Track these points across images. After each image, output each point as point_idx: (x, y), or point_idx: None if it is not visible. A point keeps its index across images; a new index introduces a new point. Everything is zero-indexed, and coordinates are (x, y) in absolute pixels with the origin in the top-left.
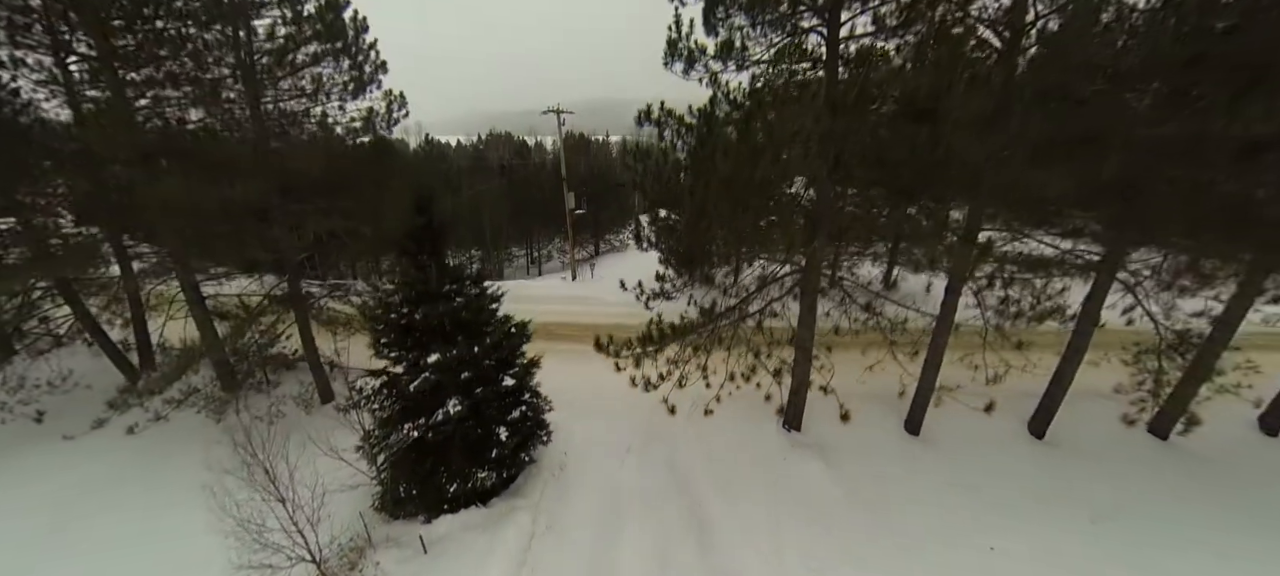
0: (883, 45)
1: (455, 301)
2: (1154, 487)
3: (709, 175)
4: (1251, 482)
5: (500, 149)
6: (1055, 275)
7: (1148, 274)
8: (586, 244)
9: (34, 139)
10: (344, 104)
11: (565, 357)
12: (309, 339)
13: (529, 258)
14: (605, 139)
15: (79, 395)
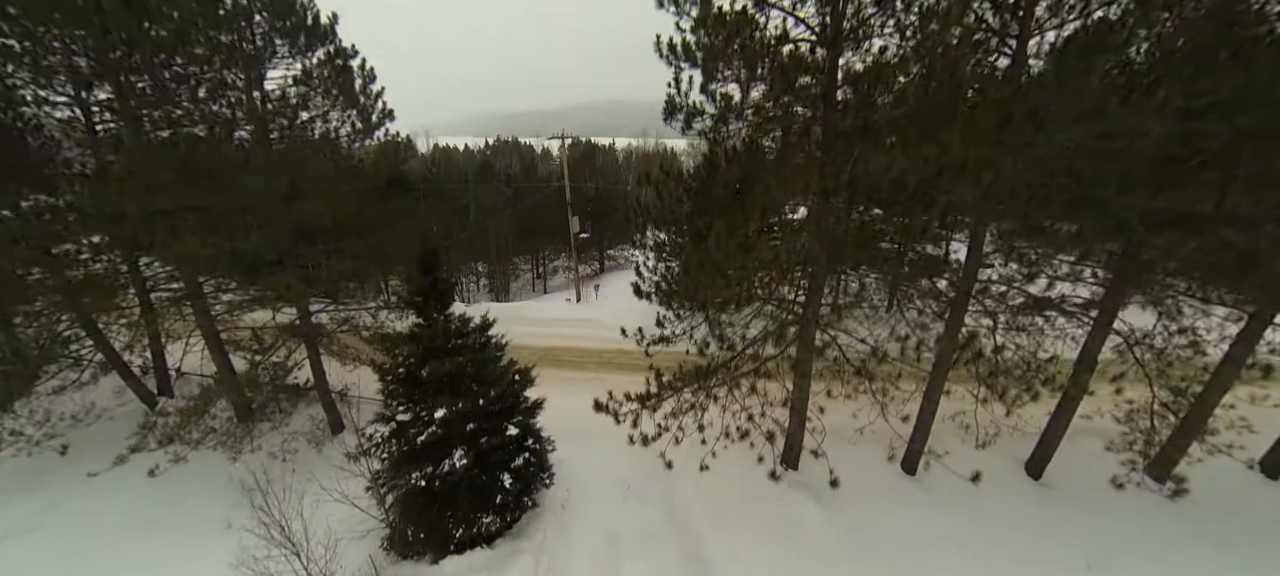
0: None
1: (460, 358)
2: (1152, 531)
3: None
4: (1252, 526)
5: (507, 156)
6: (1052, 318)
7: (1141, 336)
8: (591, 259)
9: (57, 178)
10: (351, 147)
11: (568, 386)
12: (319, 371)
13: (535, 272)
14: (612, 144)
15: (101, 428)
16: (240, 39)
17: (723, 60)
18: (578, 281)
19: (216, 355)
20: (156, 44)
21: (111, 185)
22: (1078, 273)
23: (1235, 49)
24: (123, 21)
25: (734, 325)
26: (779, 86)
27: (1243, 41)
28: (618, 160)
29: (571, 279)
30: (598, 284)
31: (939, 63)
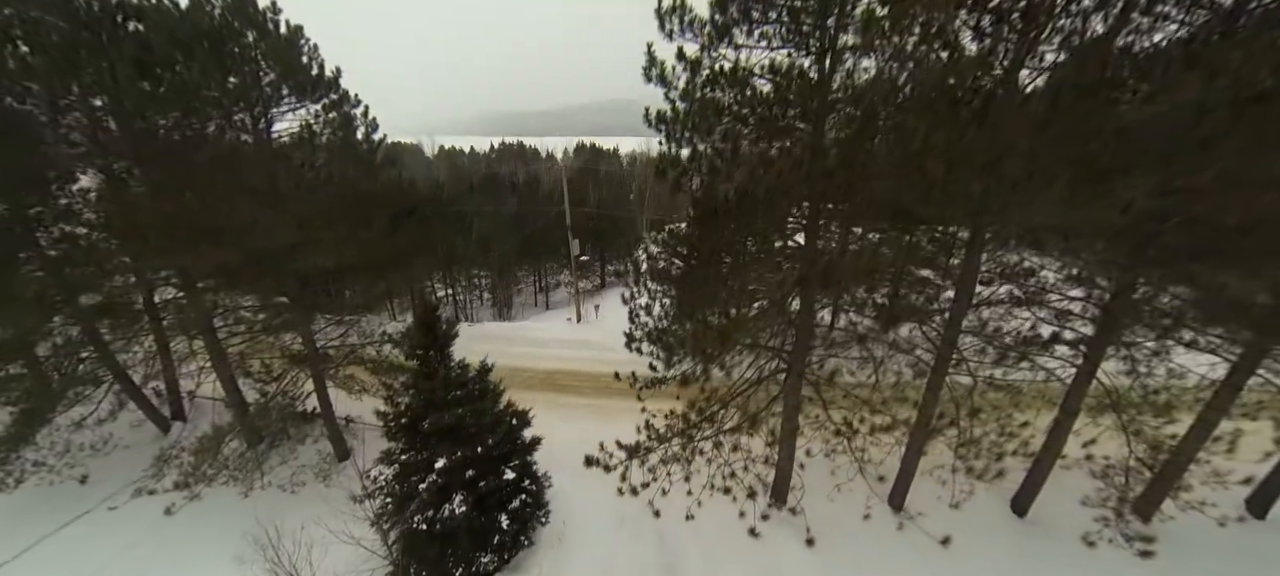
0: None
1: (460, 409)
2: (1136, 572)
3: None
4: (1238, 568)
5: (511, 162)
6: (1034, 367)
7: (1127, 382)
8: (593, 275)
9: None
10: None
11: (566, 413)
12: (325, 400)
13: (537, 285)
14: (616, 149)
15: (119, 457)
16: (249, 92)
17: (708, 128)
18: (578, 302)
19: (227, 384)
20: (166, 103)
21: (129, 237)
22: (1064, 319)
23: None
24: (136, 90)
25: (725, 366)
26: (766, 138)
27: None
28: (622, 165)
29: (572, 294)
30: (598, 304)
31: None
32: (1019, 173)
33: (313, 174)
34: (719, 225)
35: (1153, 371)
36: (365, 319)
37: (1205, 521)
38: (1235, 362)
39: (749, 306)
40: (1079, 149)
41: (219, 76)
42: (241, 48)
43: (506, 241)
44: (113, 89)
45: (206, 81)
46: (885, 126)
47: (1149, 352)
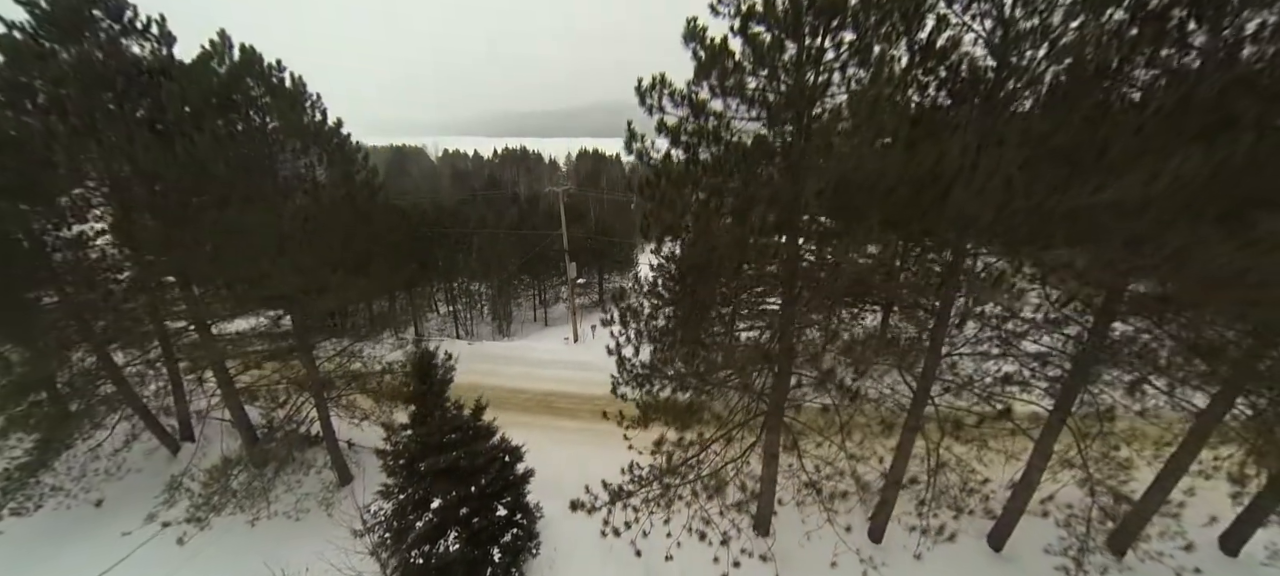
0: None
1: (455, 452)
2: None
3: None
4: None
5: (514, 168)
6: (1011, 401)
7: (1095, 433)
8: (591, 291)
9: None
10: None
11: (562, 435)
12: (327, 425)
13: (536, 299)
14: (618, 156)
15: (132, 481)
16: (256, 147)
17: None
18: (575, 322)
19: (235, 411)
20: (182, 169)
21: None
22: (1039, 361)
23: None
24: (152, 158)
25: (711, 389)
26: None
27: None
28: (624, 171)
29: (569, 310)
30: (595, 325)
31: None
32: (982, 236)
33: (313, 224)
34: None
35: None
36: (367, 344)
37: (1179, 558)
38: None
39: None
40: (1038, 227)
41: (229, 145)
42: (247, 100)
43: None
44: (129, 153)
45: (216, 153)
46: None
47: (1122, 391)
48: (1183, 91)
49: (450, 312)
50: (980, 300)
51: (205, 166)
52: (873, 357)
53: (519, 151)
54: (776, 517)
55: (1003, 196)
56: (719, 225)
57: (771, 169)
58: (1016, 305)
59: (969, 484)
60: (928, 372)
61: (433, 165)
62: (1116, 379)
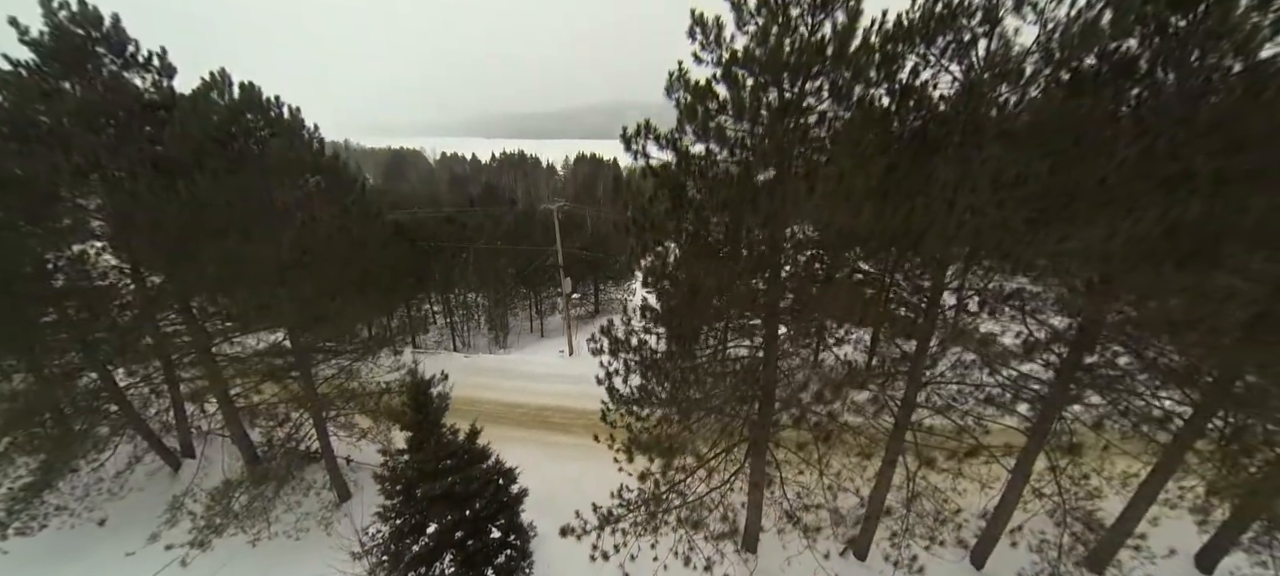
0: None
1: (450, 478)
2: None
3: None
4: None
5: (511, 172)
6: (991, 424)
7: (1066, 464)
8: (587, 301)
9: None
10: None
11: (556, 451)
12: (325, 441)
13: (533, 309)
14: (615, 161)
15: (134, 500)
16: (253, 177)
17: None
18: (570, 336)
19: (236, 433)
20: (183, 207)
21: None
22: (1021, 386)
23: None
24: (155, 196)
25: (698, 415)
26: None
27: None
28: (621, 176)
29: (565, 319)
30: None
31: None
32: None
33: (311, 255)
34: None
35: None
36: (365, 364)
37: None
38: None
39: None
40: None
41: (229, 183)
42: (246, 134)
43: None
44: (132, 190)
45: (217, 192)
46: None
47: (1095, 416)
48: (1145, 144)
49: (447, 324)
50: (953, 343)
51: (206, 204)
52: (854, 384)
53: (516, 156)
54: (763, 536)
55: (973, 243)
56: (701, 268)
57: (753, 217)
58: (987, 351)
59: (942, 513)
60: (908, 401)
61: (431, 168)
62: (1090, 406)
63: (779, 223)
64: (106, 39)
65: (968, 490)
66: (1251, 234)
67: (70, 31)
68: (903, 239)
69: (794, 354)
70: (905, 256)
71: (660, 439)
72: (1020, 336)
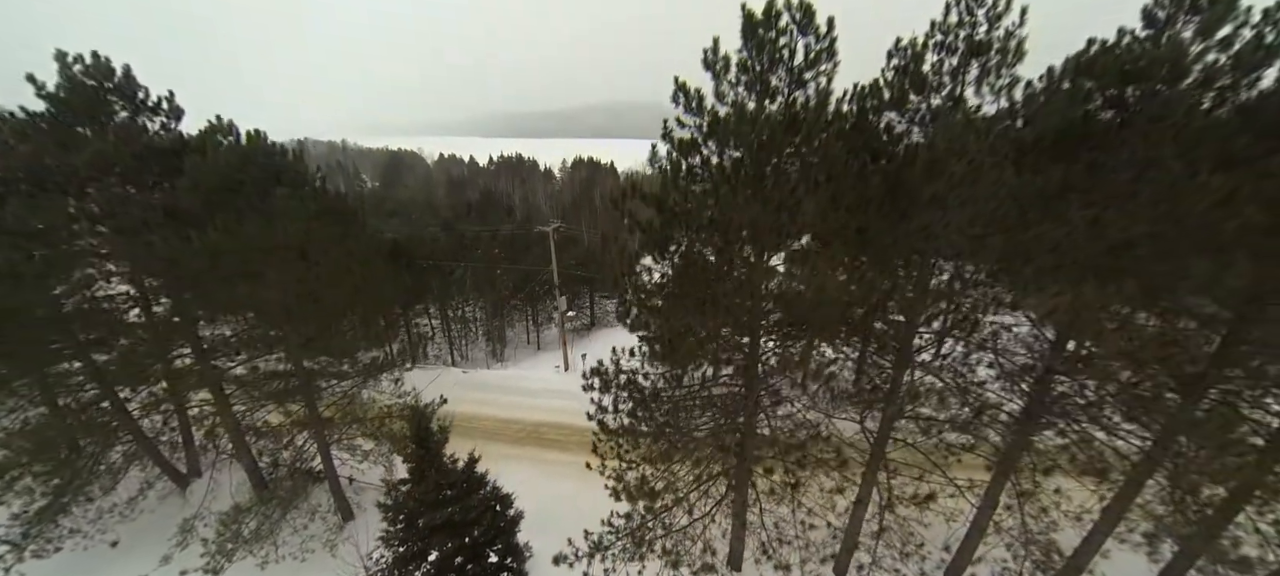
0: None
1: (450, 508)
2: None
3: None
4: None
5: (509, 176)
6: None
7: (1029, 490)
8: (582, 314)
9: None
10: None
11: (551, 469)
12: (329, 462)
13: (529, 320)
14: (612, 165)
15: (145, 521)
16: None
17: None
18: (566, 352)
19: (245, 460)
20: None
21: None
22: (993, 415)
23: None
24: (170, 246)
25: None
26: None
27: None
28: (618, 182)
29: (561, 331)
30: (585, 354)
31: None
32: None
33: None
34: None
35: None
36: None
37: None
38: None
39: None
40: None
41: (238, 232)
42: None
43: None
44: (147, 240)
45: (228, 240)
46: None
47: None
48: (1093, 214)
49: (445, 338)
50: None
51: (217, 253)
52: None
53: (514, 159)
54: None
55: (935, 309)
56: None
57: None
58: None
59: (907, 547)
60: (882, 434)
61: (428, 170)
62: (1058, 431)
63: (756, 292)
64: (118, 89)
65: (933, 523)
66: (1197, 289)
67: (83, 83)
68: (870, 308)
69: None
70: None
71: (644, 482)
72: (992, 366)
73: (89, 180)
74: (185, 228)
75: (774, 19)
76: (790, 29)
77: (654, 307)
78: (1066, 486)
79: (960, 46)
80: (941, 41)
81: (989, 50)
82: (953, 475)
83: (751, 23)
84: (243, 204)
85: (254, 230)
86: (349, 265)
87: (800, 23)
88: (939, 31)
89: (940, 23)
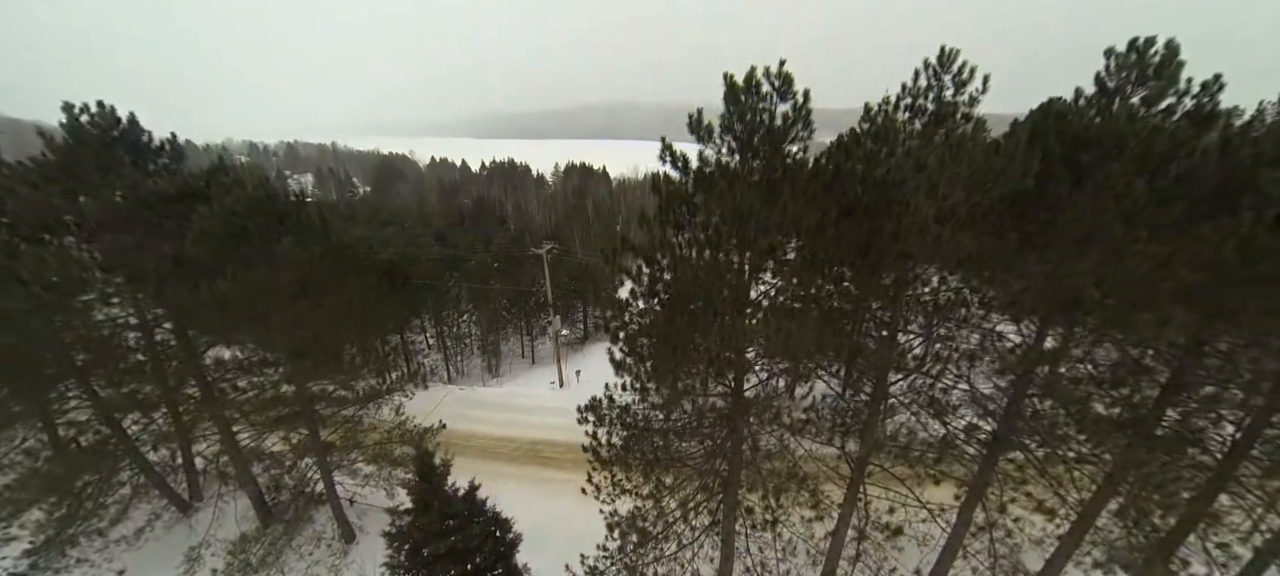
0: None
1: (453, 537)
2: None
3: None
4: None
5: (502, 183)
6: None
7: (999, 511)
8: (576, 326)
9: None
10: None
11: (548, 487)
12: (331, 485)
13: (524, 335)
14: (604, 170)
15: (150, 549)
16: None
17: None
18: (561, 369)
19: (244, 479)
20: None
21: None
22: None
23: None
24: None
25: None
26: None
27: None
28: (610, 189)
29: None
30: (579, 370)
31: None
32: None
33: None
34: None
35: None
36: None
37: None
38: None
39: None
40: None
41: (246, 280)
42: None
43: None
44: (157, 289)
45: (235, 289)
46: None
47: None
48: (1048, 270)
49: (442, 355)
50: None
51: (226, 302)
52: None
53: (507, 165)
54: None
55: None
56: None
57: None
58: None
59: (880, 572)
60: (859, 467)
61: (421, 175)
62: (1026, 456)
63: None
64: (122, 139)
65: (906, 547)
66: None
67: (88, 132)
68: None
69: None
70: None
71: (635, 517)
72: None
73: (99, 229)
74: (194, 275)
75: (754, 87)
76: (770, 95)
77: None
78: (1029, 512)
79: (930, 107)
80: (910, 104)
81: (954, 115)
82: (926, 499)
83: (733, 89)
84: (248, 250)
85: (260, 277)
86: (350, 304)
87: (779, 90)
88: (908, 94)
89: (910, 87)
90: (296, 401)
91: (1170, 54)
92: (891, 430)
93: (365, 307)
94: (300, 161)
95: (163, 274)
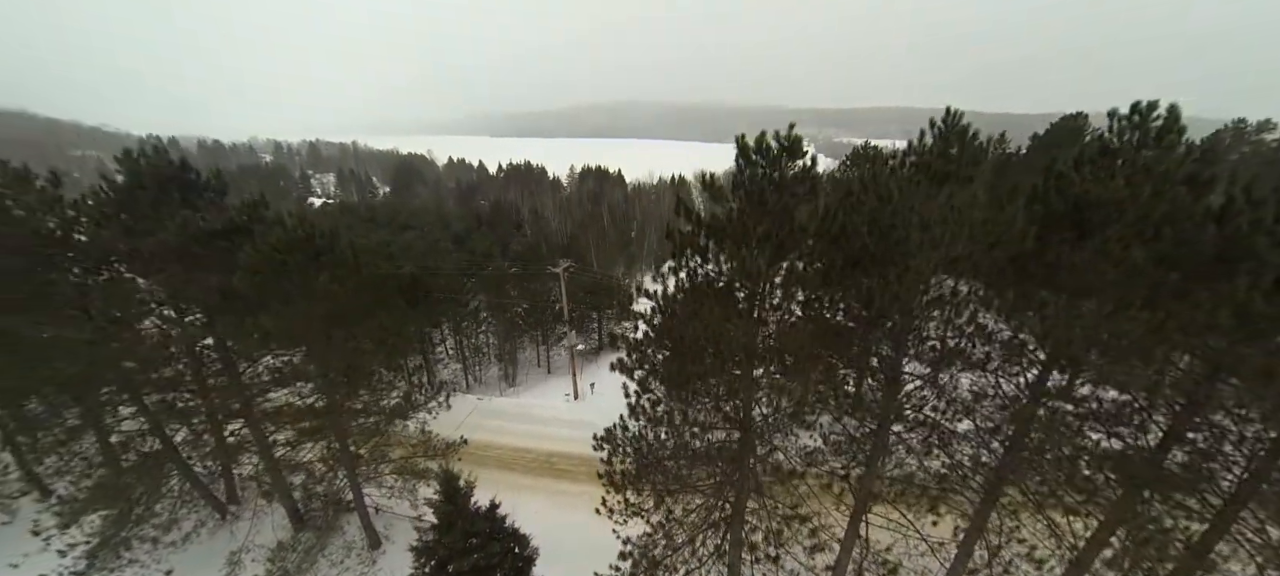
0: None
1: (475, 555)
2: None
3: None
4: None
5: (518, 186)
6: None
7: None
8: (591, 337)
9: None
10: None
11: (564, 499)
12: (359, 494)
13: (540, 343)
14: (620, 173)
15: (194, 552)
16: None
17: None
18: (576, 382)
19: (279, 488)
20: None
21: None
22: (971, 469)
23: None
24: (229, 328)
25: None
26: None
27: None
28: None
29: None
30: (593, 382)
31: None
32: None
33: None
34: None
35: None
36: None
37: None
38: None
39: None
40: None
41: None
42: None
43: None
44: (207, 322)
45: (279, 324)
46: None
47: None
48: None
49: (460, 363)
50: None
51: (268, 335)
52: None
53: (523, 167)
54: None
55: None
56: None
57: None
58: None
59: None
60: (861, 498)
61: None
62: (1029, 485)
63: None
64: (175, 178)
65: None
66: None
67: (146, 174)
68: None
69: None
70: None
71: (648, 549)
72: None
73: (153, 262)
74: (239, 309)
75: (764, 149)
76: (780, 156)
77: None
78: (1033, 541)
79: (934, 165)
80: (916, 162)
81: (956, 176)
82: (927, 534)
83: (744, 149)
84: (287, 284)
85: (298, 311)
86: (381, 333)
87: (788, 149)
88: (914, 153)
89: (917, 145)
90: (327, 415)
91: (1171, 119)
92: (894, 463)
93: (394, 334)
94: (322, 161)
95: (211, 307)
